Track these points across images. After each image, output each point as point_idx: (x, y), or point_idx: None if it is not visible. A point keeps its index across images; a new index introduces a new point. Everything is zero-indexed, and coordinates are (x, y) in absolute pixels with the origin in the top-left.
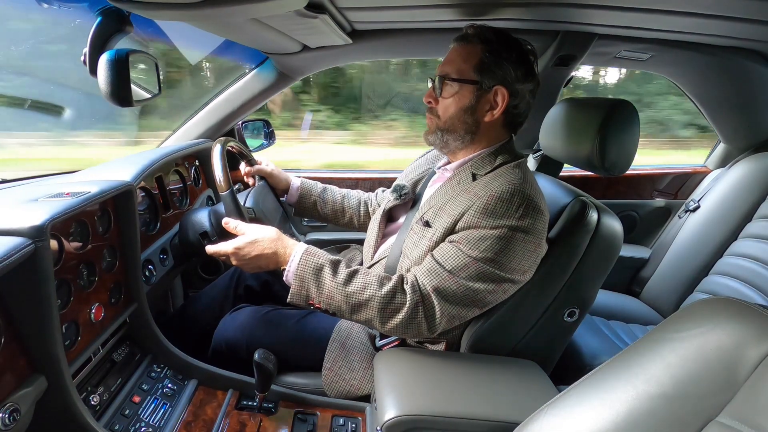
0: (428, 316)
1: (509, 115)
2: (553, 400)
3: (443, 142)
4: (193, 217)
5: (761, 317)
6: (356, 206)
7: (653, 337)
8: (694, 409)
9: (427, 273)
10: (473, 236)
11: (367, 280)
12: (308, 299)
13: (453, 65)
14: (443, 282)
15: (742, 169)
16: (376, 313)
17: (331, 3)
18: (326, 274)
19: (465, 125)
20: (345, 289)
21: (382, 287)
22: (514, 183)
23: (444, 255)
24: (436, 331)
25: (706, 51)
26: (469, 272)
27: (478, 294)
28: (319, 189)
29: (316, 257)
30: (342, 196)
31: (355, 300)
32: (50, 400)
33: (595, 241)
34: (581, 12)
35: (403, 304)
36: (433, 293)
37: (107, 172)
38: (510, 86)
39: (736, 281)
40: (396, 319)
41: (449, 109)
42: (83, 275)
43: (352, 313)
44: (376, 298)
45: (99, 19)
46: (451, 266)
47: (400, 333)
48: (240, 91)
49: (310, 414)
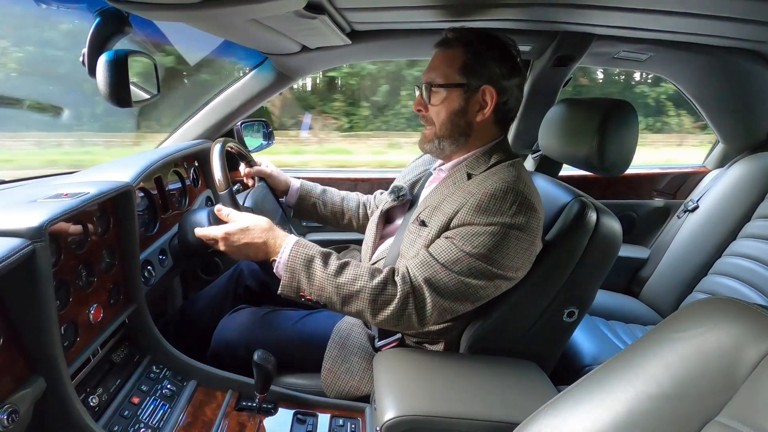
0: (419, 308)
1: (499, 113)
2: (553, 400)
3: (439, 149)
4: (193, 218)
5: (760, 317)
6: (355, 208)
7: (652, 337)
8: (694, 409)
9: (419, 265)
10: (467, 232)
11: (358, 271)
12: (299, 291)
13: (438, 71)
14: (435, 274)
15: (741, 169)
16: (367, 305)
17: (330, 3)
18: (317, 265)
19: (458, 128)
20: (336, 281)
21: (373, 279)
22: (507, 181)
23: (437, 249)
24: (427, 324)
25: (705, 51)
26: (462, 266)
27: (469, 288)
28: (319, 191)
29: (306, 248)
30: (341, 198)
31: (346, 291)
32: (49, 401)
33: (594, 241)
34: (580, 13)
35: (394, 296)
36: (425, 284)
37: (106, 173)
38: (497, 84)
39: (735, 281)
40: (387, 311)
41: (440, 114)
42: (82, 276)
43: (343, 305)
44: (367, 289)
45: (98, 20)
46: (444, 259)
47: (392, 325)
48: (239, 91)
49: (310, 415)
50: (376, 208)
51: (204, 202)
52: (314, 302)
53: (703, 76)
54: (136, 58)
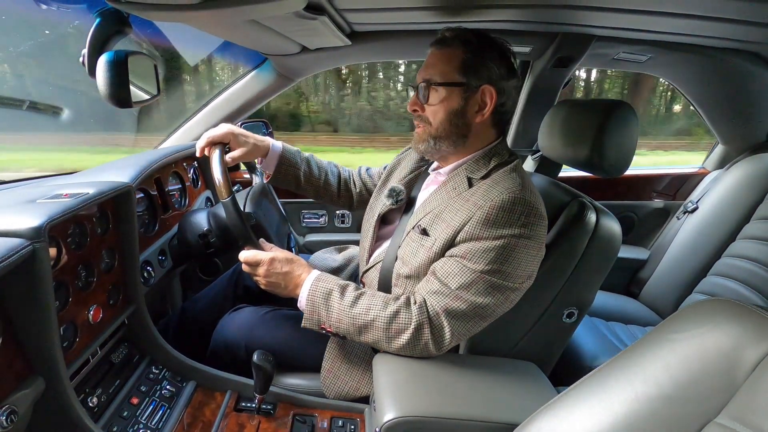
0: (436, 336)
1: (497, 114)
2: (552, 401)
3: (435, 149)
4: (192, 218)
5: (759, 318)
6: (335, 183)
7: (652, 338)
8: (693, 410)
9: (435, 294)
10: (476, 248)
11: (373, 301)
12: (320, 324)
13: (435, 69)
14: (451, 302)
15: (740, 170)
16: (382, 334)
17: (331, 4)
18: (334, 297)
19: (456, 129)
20: (351, 312)
21: (387, 308)
22: (514, 191)
23: (449, 272)
24: (445, 350)
25: (704, 53)
26: (477, 288)
27: (486, 309)
28: (299, 159)
29: (325, 282)
30: (324, 173)
31: (361, 321)
32: (48, 401)
33: (594, 242)
34: (580, 14)
35: (408, 324)
36: (442, 313)
37: (106, 174)
38: (496, 84)
39: (734, 282)
40: (401, 339)
41: (438, 114)
42: (81, 276)
43: (360, 335)
44: (381, 318)
45: (98, 21)
46: (458, 284)
47: (409, 353)
48: (239, 92)
49: (309, 415)
50: (364, 188)
51: (204, 202)
52: (334, 334)
53: (703, 78)
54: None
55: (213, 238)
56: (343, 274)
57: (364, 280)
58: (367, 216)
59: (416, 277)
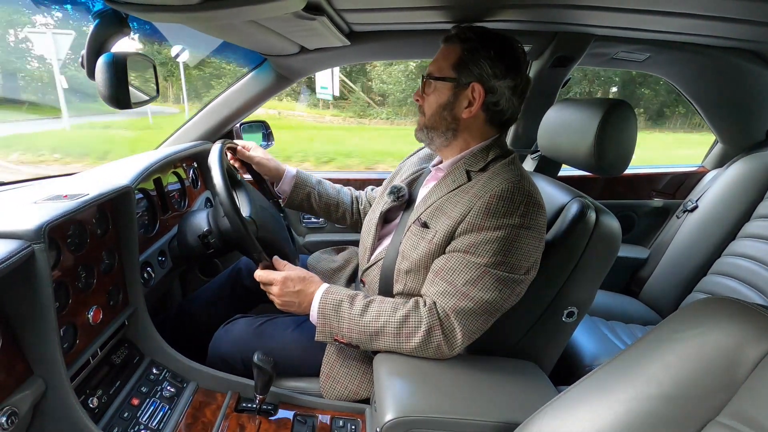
0: (448, 337)
1: (489, 112)
2: (553, 400)
3: (429, 138)
4: (192, 219)
5: (760, 317)
6: (349, 203)
7: (652, 337)
8: (694, 409)
9: (442, 295)
10: (478, 240)
11: (382, 307)
12: (333, 335)
13: (436, 64)
14: (459, 302)
15: (740, 168)
16: (392, 339)
17: (330, 5)
18: (344, 307)
19: (444, 121)
20: (361, 320)
21: (396, 312)
22: (512, 181)
23: (453, 269)
24: (458, 349)
25: (703, 52)
26: (484, 283)
27: (494, 305)
28: (314, 181)
29: (335, 294)
30: (336, 191)
31: (372, 329)
32: (48, 402)
33: (594, 241)
34: (578, 13)
35: (418, 327)
36: (452, 314)
37: (105, 175)
38: (486, 82)
39: (734, 281)
40: (412, 341)
41: (431, 105)
42: (81, 278)
43: (372, 342)
44: (391, 323)
45: (97, 22)
46: (463, 280)
47: (423, 355)
48: (238, 92)
49: (310, 416)
50: (367, 205)
51: (203, 203)
52: (348, 344)
53: (702, 77)
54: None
55: (213, 239)
56: (342, 274)
57: (364, 279)
58: (369, 215)
59: (416, 271)
